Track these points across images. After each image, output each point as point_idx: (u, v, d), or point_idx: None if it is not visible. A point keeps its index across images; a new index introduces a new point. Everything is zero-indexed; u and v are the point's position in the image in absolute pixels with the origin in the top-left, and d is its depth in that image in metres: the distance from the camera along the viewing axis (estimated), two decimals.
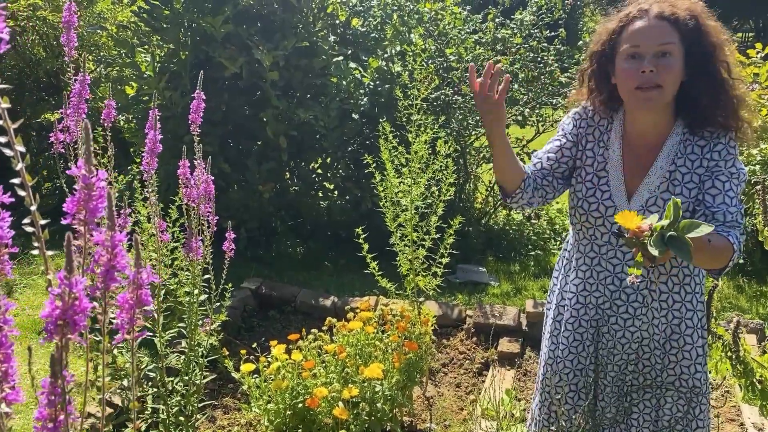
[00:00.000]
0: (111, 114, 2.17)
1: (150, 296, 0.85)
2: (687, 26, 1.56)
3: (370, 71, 4.77)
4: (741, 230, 1.57)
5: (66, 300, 0.73)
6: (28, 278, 4.55)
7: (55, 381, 0.75)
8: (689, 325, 1.74)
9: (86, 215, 0.79)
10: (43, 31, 6.13)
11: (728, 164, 1.60)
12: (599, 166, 1.72)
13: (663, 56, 1.56)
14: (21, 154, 0.81)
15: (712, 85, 1.59)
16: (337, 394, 2.40)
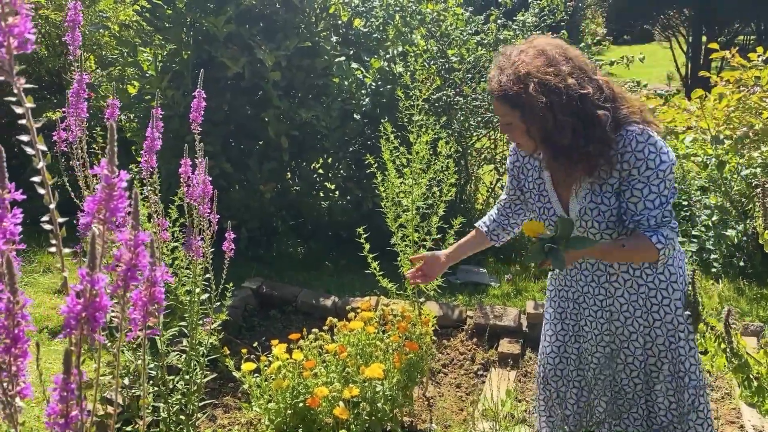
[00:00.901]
0: (114, 113, 2.17)
1: (163, 294, 0.86)
2: (513, 101, 1.69)
3: (372, 72, 4.78)
4: (670, 225, 1.71)
5: (87, 297, 0.73)
6: (30, 276, 4.55)
7: (68, 377, 0.75)
8: (654, 302, 1.86)
9: (106, 215, 0.80)
10: (46, 30, 6.13)
11: (642, 170, 1.67)
12: (540, 187, 1.92)
13: (507, 124, 1.77)
14: (42, 153, 0.81)
15: (562, 148, 1.70)
16: (338, 393, 2.40)
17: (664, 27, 15.40)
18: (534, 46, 1.72)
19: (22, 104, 0.88)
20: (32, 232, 0.92)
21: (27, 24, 0.83)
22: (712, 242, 4.57)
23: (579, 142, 1.66)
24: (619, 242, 1.75)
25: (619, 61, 4.88)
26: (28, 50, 0.87)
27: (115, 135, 0.87)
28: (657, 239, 1.67)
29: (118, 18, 6.19)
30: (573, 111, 1.64)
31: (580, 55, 1.75)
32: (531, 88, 1.64)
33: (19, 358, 0.76)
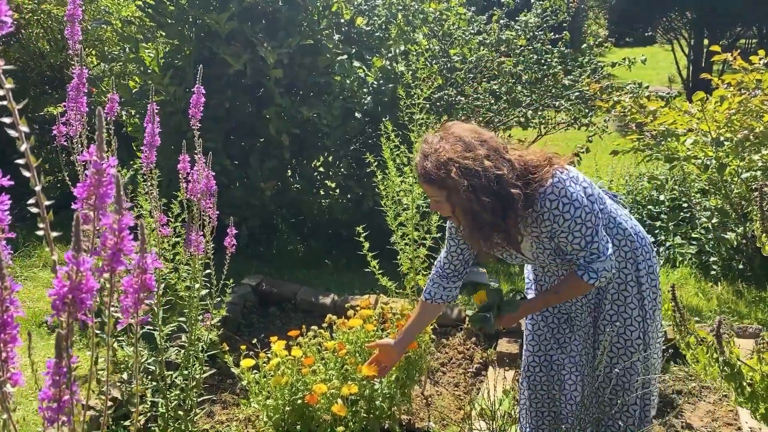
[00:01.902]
0: (114, 108, 2.18)
1: (154, 281, 0.86)
2: (434, 180, 1.84)
3: (373, 70, 4.78)
4: (600, 258, 1.91)
5: (74, 278, 0.74)
6: (29, 271, 4.55)
7: (60, 361, 0.75)
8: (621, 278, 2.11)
9: (96, 200, 0.80)
10: (48, 25, 6.14)
11: (560, 223, 1.88)
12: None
13: (434, 202, 1.93)
14: (25, 135, 0.81)
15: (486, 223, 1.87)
16: (336, 390, 2.41)
17: (666, 29, 15.40)
18: (452, 133, 1.88)
19: (2, 86, 0.88)
20: (32, 227, 0.92)
21: (2, 6, 0.83)
22: (711, 245, 4.58)
23: (497, 219, 1.84)
24: (553, 289, 2.06)
25: (620, 63, 4.88)
26: (4, 32, 0.87)
27: (103, 122, 0.87)
28: (588, 276, 1.91)
29: (121, 14, 6.19)
30: (491, 191, 1.81)
31: (493, 137, 1.93)
32: (453, 172, 1.80)
33: (9, 344, 0.77)
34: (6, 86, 0.79)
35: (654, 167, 5.85)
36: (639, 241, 2.12)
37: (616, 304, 2.12)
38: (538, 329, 2.26)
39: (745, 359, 1.75)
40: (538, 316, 2.26)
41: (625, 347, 2.14)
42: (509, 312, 2.02)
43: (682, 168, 4.55)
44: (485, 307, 2.05)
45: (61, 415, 0.77)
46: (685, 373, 3.21)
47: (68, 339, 0.75)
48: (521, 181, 1.86)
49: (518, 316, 2.10)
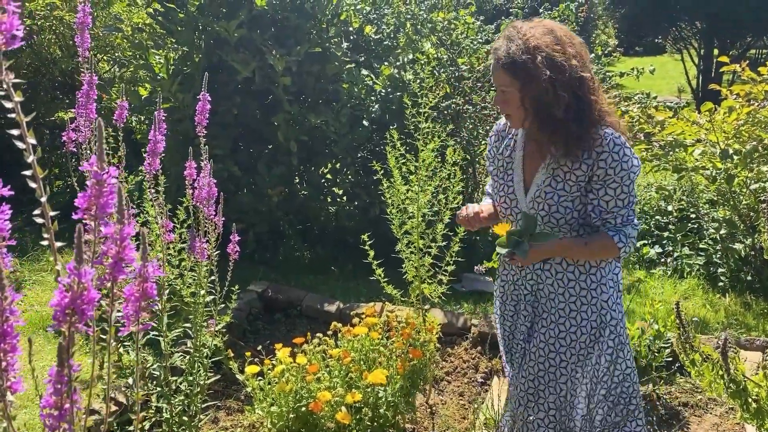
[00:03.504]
0: (123, 115, 2.19)
1: (155, 289, 0.86)
2: (518, 73, 1.76)
3: (381, 78, 4.80)
4: (633, 224, 1.85)
5: (75, 289, 0.74)
6: (37, 275, 4.58)
7: (62, 369, 0.76)
8: (583, 302, 1.94)
9: (97, 210, 0.81)
10: (60, 31, 6.20)
11: (617, 170, 1.79)
12: (507, 166, 2.01)
13: (502, 93, 1.83)
14: (33, 147, 0.82)
15: (550, 122, 1.79)
16: (341, 398, 2.41)
17: (676, 39, 15.37)
18: (544, 24, 1.82)
19: (11, 99, 0.89)
20: (40, 231, 0.93)
21: (14, 21, 0.84)
22: (719, 256, 4.55)
23: (569, 118, 1.76)
24: (582, 240, 1.90)
25: (629, 73, 4.88)
26: (16, 46, 0.88)
27: (103, 132, 0.88)
28: (619, 238, 1.82)
29: (132, 21, 6.25)
30: (571, 89, 1.75)
31: (582, 44, 1.86)
32: (538, 60, 1.73)
33: (9, 353, 0.78)
34: (15, 99, 0.80)
35: (662, 177, 5.84)
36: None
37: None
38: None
39: (751, 373, 1.73)
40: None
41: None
42: (539, 241, 1.80)
43: (690, 179, 4.53)
44: (517, 233, 1.82)
45: (62, 422, 0.77)
46: (691, 385, 3.19)
47: (69, 348, 0.76)
48: (595, 96, 1.80)
49: (547, 251, 1.88)
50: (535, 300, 2.03)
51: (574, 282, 1.95)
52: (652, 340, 3.24)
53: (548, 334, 1.99)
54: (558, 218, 1.88)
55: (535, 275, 2.00)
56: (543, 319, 2.01)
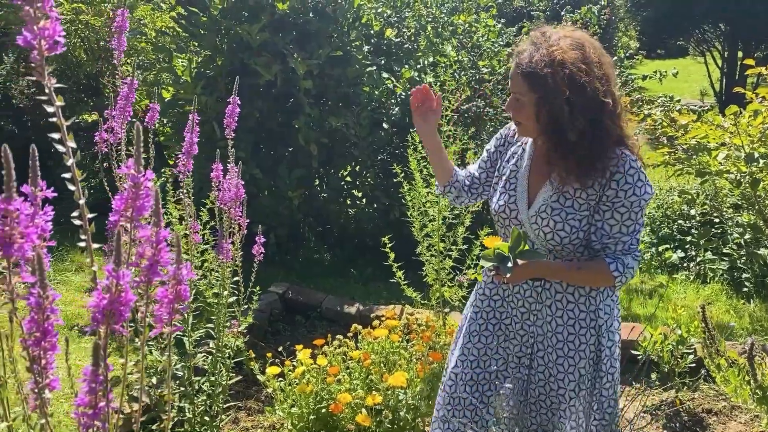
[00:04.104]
0: (154, 117, 2.23)
1: (188, 292, 0.88)
2: (538, 83, 1.65)
3: (402, 81, 4.81)
4: (635, 254, 1.72)
5: (113, 291, 0.76)
6: (62, 275, 4.65)
7: (97, 369, 0.78)
8: (582, 326, 1.82)
9: (133, 213, 0.83)
10: (85, 35, 6.29)
11: (628, 194, 1.67)
12: (511, 175, 1.90)
13: (517, 101, 1.73)
14: (72, 150, 0.84)
15: (564, 141, 1.67)
16: (361, 400, 2.41)
17: (699, 42, 15.20)
18: (574, 36, 1.70)
19: (52, 103, 0.91)
20: (65, 231, 0.95)
21: (57, 27, 0.86)
22: (743, 261, 4.49)
23: (582, 143, 1.65)
24: (574, 264, 1.77)
25: (651, 76, 4.84)
26: (58, 51, 0.90)
27: (141, 136, 0.90)
28: (615, 267, 1.70)
29: (155, 24, 6.32)
30: (589, 114, 1.64)
31: (610, 63, 1.74)
32: (560, 76, 1.62)
33: (49, 351, 0.79)
34: (57, 103, 0.82)
35: (685, 181, 5.77)
36: None
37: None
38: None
39: None
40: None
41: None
42: (526, 259, 1.71)
43: (714, 183, 4.48)
44: (504, 248, 1.73)
45: (96, 421, 0.79)
46: (715, 391, 3.15)
47: (105, 348, 0.78)
48: (618, 122, 1.69)
49: (534, 271, 1.77)
50: (531, 322, 1.88)
51: (573, 304, 1.82)
52: (675, 346, 3.21)
53: (547, 358, 1.85)
54: (562, 236, 1.74)
55: (535, 293, 1.85)
56: (539, 342, 1.87)
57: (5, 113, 5.83)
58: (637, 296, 4.63)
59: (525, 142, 1.91)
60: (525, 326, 1.89)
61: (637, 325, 3.70)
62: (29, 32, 0.83)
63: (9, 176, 0.75)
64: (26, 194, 0.83)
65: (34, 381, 0.79)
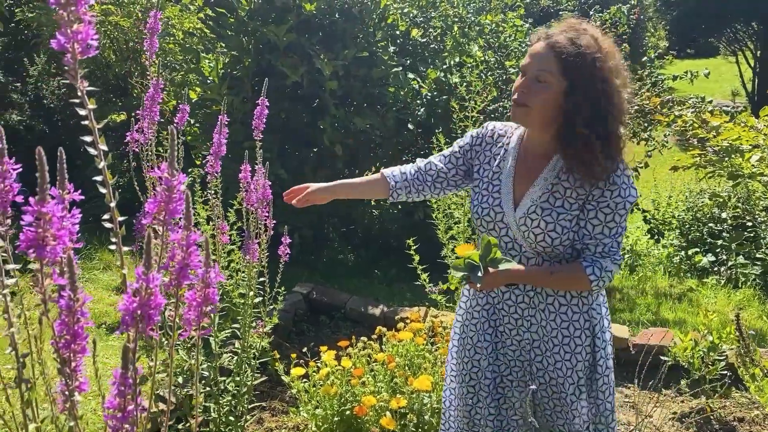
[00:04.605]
0: (184, 118, 2.24)
1: (217, 295, 0.87)
2: (573, 64, 1.58)
3: (427, 82, 4.79)
4: (614, 257, 1.68)
5: (143, 295, 0.76)
6: (90, 273, 4.72)
7: (126, 372, 0.78)
8: (576, 327, 1.79)
9: (165, 216, 0.82)
10: (114, 36, 6.37)
11: (614, 194, 1.65)
12: (494, 177, 1.83)
13: (537, 82, 1.62)
14: (104, 153, 0.84)
15: (588, 136, 1.60)
16: (385, 403, 2.40)
17: (731, 41, 14.91)
18: (608, 42, 1.67)
19: (84, 106, 0.91)
20: (93, 230, 0.95)
21: (90, 31, 0.86)
22: None
23: (600, 142, 1.60)
24: (547, 269, 1.73)
25: (682, 76, 4.75)
26: (91, 55, 0.90)
27: (176, 139, 0.90)
28: (592, 271, 1.66)
29: (183, 25, 6.39)
30: (612, 116, 1.60)
31: (627, 70, 1.72)
32: (606, 66, 1.58)
33: (79, 354, 0.79)
34: (89, 107, 0.83)
35: (716, 184, 5.66)
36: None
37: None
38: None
39: None
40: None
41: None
42: (501, 268, 1.66)
43: (747, 185, 4.38)
44: (475, 257, 1.68)
45: (125, 424, 0.79)
46: (747, 399, 3.08)
47: (134, 352, 0.77)
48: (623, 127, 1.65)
49: (506, 278, 1.72)
50: (525, 327, 1.82)
51: (566, 306, 1.77)
52: (705, 352, 3.14)
53: (545, 362, 1.81)
54: (553, 238, 1.69)
55: (527, 297, 1.80)
56: (535, 348, 1.82)
57: (37, 113, 5.94)
58: (665, 300, 4.55)
59: (507, 143, 1.84)
60: (520, 332, 1.83)
61: (667, 330, 3.63)
62: (63, 36, 0.83)
63: (43, 179, 0.75)
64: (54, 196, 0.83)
65: (64, 383, 0.79)
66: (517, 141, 1.82)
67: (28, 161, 0.86)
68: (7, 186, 0.83)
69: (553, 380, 1.81)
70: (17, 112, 5.80)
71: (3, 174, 0.82)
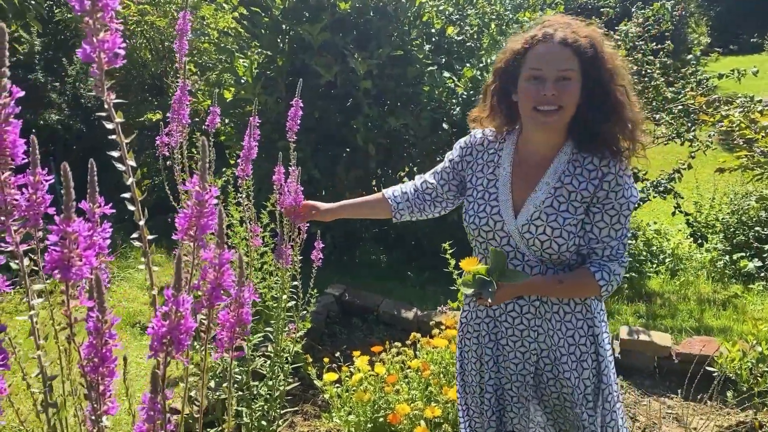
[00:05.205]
0: (215, 121, 2.21)
1: (250, 315, 0.82)
2: (586, 54, 1.60)
3: (463, 80, 4.70)
4: (621, 260, 1.67)
5: (172, 318, 0.71)
6: (125, 271, 4.75)
7: (155, 396, 0.73)
8: (581, 334, 1.75)
9: (197, 231, 0.78)
10: (150, 35, 6.43)
11: (618, 195, 1.63)
12: (489, 184, 1.78)
13: (563, 80, 1.61)
14: (132, 169, 0.80)
15: (608, 108, 1.63)
16: (420, 412, 2.35)
17: None
18: (591, 27, 1.70)
19: (112, 120, 0.87)
20: (129, 228, 0.92)
21: (117, 39, 0.82)
22: None
23: (626, 105, 1.64)
24: (557, 277, 1.68)
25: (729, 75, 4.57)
26: (118, 64, 0.86)
27: (207, 150, 0.85)
28: (601, 276, 1.64)
29: (218, 25, 6.41)
30: (625, 87, 1.65)
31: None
32: (600, 49, 1.62)
33: (107, 378, 0.75)
34: (116, 120, 0.78)
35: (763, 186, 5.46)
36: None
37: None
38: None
39: None
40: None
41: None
42: (510, 281, 1.60)
43: None
44: (485, 272, 1.61)
45: None
46: None
47: (164, 378, 0.73)
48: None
49: (518, 291, 1.68)
50: (532, 338, 1.76)
51: (570, 314, 1.73)
52: (754, 363, 3.01)
53: (555, 371, 1.75)
54: (560, 244, 1.64)
55: (533, 307, 1.74)
56: (543, 358, 1.76)
57: (75, 113, 6.02)
58: (709, 307, 4.39)
59: (500, 149, 1.79)
60: (525, 343, 1.77)
61: (711, 339, 3.50)
62: (88, 45, 0.79)
63: (68, 196, 0.71)
64: (84, 210, 0.79)
65: (91, 407, 0.75)
66: (512, 146, 1.78)
67: (65, 160, 0.82)
68: (39, 197, 0.79)
69: (565, 389, 1.76)
70: (56, 111, 5.89)
71: (35, 185, 0.78)
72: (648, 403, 3.14)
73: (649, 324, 4.00)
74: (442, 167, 1.92)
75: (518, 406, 1.82)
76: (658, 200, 4.90)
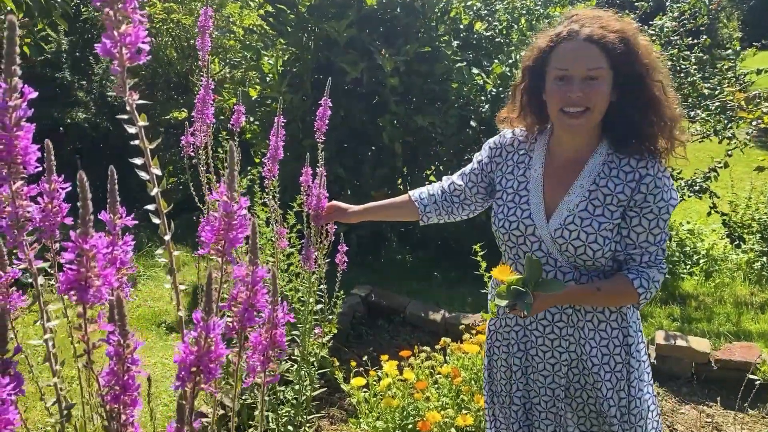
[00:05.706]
0: (240, 119, 2.16)
1: (285, 337, 0.76)
2: (616, 50, 1.52)
3: (492, 77, 4.60)
4: (660, 266, 1.59)
5: (201, 345, 0.65)
6: (151, 270, 4.74)
7: (181, 427, 0.67)
8: (616, 344, 1.67)
9: (225, 246, 0.71)
10: (176, 34, 6.43)
11: (657, 198, 1.55)
12: (520, 186, 1.70)
13: (591, 80, 1.53)
14: (157, 178, 0.74)
15: (644, 105, 1.56)
16: (451, 420, 2.28)
17: None
18: (625, 21, 1.62)
19: (135, 123, 0.80)
20: (154, 227, 0.87)
21: (140, 32, 0.75)
22: None
23: (664, 102, 1.57)
24: (593, 285, 1.60)
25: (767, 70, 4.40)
26: (141, 61, 0.79)
27: (235, 156, 0.78)
28: (639, 283, 1.56)
29: (243, 22, 6.38)
30: (662, 83, 1.57)
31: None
32: (633, 43, 1.54)
33: (129, 407, 0.68)
34: (139, 124, 0.72)
35: None
36: None
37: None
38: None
39: None
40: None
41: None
42: (545, 290, 1.50)
43: None
44: (520, 282, 1.51)
45: None
46: None
47: (191, 409, 0.67)
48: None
49: (555, 300, 1.57)
50: (563, 348, 1.68)
51: (605, 323, 1.65)
52: None
53: (584, 381, 1.68)
54: (595, 250, 1.56)
55: (565, 315, 1.65)
56: (573, 368, 1.68)
57: (101, 111, 6.04)
58: (747, 310, 4.25)
59: (530, 149, 1.72)
60: (555, 354, 1.68)
61: (752, 345, 3.37)
62: (109, 39, 0.72)
63: (86, 209, 0.64)
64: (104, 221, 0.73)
65: None
66: (544, 147, 1.70)
67: (92, 159, 0.77)
68: (55, 207, 0.74)
69: (593, 399, 1.68)
70: (83, 110, 5.91)
71: (51, 193, 0.72)
72: (686, 412, 3.03)
73: (684, 328, 3.88)
74: (470, 168, 1.87)
75: (546, 422, 1.74)
76: (692, 199, 4.75)
